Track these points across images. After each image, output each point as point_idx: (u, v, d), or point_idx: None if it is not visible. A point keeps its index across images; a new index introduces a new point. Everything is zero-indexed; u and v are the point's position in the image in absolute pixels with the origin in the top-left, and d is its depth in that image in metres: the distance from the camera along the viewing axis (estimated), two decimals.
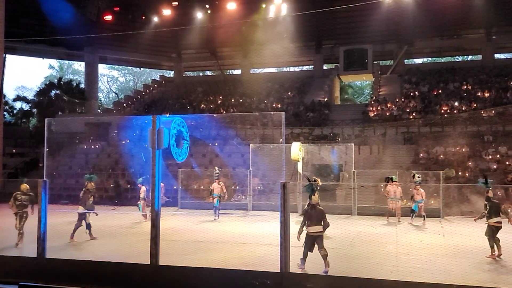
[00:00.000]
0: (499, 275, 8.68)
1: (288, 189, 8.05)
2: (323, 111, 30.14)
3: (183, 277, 8.18)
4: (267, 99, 32.66)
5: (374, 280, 7.59)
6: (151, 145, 8.58)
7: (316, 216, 9.27)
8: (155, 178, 8.66)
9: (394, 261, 9.82)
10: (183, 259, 10.02)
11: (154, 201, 8.65)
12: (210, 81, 39.17)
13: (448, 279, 7.92)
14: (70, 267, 8.88)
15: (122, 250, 11.33)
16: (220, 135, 26.75)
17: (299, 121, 28.91)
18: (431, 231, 14.12)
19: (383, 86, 32.62)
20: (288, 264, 7.85)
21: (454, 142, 23.19)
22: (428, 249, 11.40)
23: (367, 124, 27.20)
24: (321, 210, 9.39)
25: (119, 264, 8.80)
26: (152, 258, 8.54)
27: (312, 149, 23.23)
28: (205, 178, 23.05)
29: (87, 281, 8.51)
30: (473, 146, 23.11)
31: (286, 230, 7.93)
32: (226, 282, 7.92)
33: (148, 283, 8.29)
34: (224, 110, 31.96)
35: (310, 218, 9.29)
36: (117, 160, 26.85)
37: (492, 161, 22.05)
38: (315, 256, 10.58)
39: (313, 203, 9.45)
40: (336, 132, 26.53)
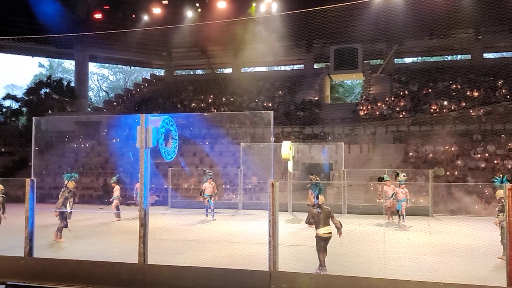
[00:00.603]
0: (486, 272, 8.78)
1: (277, 188, 8.08)
2: (314, 110, 30.24)
3: (172, 276, 8.18)
4: (258, 98, 32.68)
5: (361, 278, 7.64)
6: (139, 144, 8.56)
7: (324, 217, 8.95)
8: (144, 177, 8.65)
9: (382, 260, 9.89)
10: (172, 258, 10.01)
11: (142, 200, 8.64)
12: (201, 79, 39.09)
13: (435, 277, 8.00)
14: (58, 266, 8.83)
15: (110, 249, 11.28)
16: (210, 134, 26.73)
17: (289, 120, 28.97)
18: (419, 230, 14.22)
19: (373, 85, 32.79)
20: (276, 263, 7.88)
21: (443, 141, 23.41)
22: (416, 247, 11.50)
23: (357, 123, 27.34)
24: (329, 210, 9.07)
25: (108, 263, 8.77)
26: (140, 257, 8.53)
27: (303, 148, 23.31)
28: (195, 177, 23.03)
29: (75, 280, 8.48)
30: (462, 145, 23.34)
31: (275, 229, 7.96)
32: (215, 281, 7.93)
33: (136, 282, 8.27)
34: (215, 109, 31.92)
35: (319, 219, 8.94)
36: (107, 159, 26.73)
37: (480, 160, 22.28)
38: (303, 254, 10.62)
39: (320, 203, 9.10)
40: (326, 131, 26.63)
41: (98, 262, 8.86)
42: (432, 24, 29.18)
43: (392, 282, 7.44)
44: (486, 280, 7.91)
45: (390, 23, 27.64)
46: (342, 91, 46.39)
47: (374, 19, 28.62)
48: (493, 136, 23.74)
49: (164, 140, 9.04)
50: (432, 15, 26.56)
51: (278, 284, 7.63)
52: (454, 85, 29.77)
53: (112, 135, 26.61)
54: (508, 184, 7.43)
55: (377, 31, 31.09)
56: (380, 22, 28.75)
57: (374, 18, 28.45)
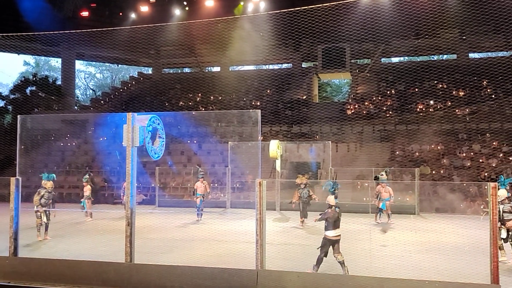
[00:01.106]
0: (470, 270, 8.91)
1: (264, 187, 8.10)
2: (302, 109, 30.34)
3: (159, 276, 8.15)
4: (246, 96, 32.68)
5: (348, 277, 7.71)
6: (126, 142, 8.52)
7: (337, 218, 8.79)
8: (130, 176, 8.61)
9: (369, 258, 9.98)
10: (159, 257, 9.98)
11: (129, 199, 8.60)
12: (189, 78, 38.93)
13: (421, 275, 8.09)
14: (44, 266, 8.75)
15: (97, 248, 11.20)
16: (198, 132, 26.66)
17: (278, 119, 29.03)
18: (405, 228, 14.36)
19: (361, 84, 33.00)
20: (263, 262, 7.91)
21: (429, 140, 23.68)
22: (402, 245, 11.62)
23: (344, 122, 27.50)
24: (338, 212, 8.92)
25: (94, 262, 8.72)
26: (127, 256, 8.49)
27: (291, 147, 23.38)
28: (183, 175, 22.96)
29: (61, 280, 8.41)
30: (448, 144, 23.63)
31: (262, 227, 7.98)
32: (202, 280, 7.92)
33: (123, 282, 8.23)
34: (203, 108, 31.85)
35: (333, 220, 8.71)
36: (94, 157, 26.51)
37: (466, 159, 22.58)
38: (290, 253, 10.68)
39: (333, 204, 8.94)
40: (314, 130, 26.75)
41: (84, 261, 8.82)
42: (419, 24, 29.46)
43: (378, 280, 7.52)
44: (470, 278, 8.03)
45: (377, 23, 27.85)
46: (330, 90, 46.59)
47: (361, 18, 28.78)
48: (478, 135, 24.07)
49: (151, 139, 9.01)
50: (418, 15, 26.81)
51: (265, 283, 7.66)
52: (440, 84, 30.10)
53: (99, 133, 26.39)
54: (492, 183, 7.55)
55: (364, 30, 31.28)
56: (367, 21, 28.96)
57: (361, 17, 28.61)
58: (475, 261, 9.21)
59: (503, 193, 10.12)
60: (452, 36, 32.54)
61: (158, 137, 9.18)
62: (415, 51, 34.81)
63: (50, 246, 11.51)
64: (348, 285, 7.41)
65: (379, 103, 29.18)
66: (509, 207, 9.92)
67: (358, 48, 33.83)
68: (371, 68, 33.72)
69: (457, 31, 31.84)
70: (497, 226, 7.45)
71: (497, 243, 7.40)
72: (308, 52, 35.42)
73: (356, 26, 28.61)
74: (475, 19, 27.23)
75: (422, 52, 35.44)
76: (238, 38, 32.13)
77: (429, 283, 7.40)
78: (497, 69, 25.56)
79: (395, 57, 38.19)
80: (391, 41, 32.94)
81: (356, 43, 33.16)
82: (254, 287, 7.66)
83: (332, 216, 8.73)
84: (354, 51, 33.60)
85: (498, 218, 9.63)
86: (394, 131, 25.83)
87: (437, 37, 32.60)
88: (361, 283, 7.42)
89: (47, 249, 11.15)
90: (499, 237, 9.64)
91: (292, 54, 36.21)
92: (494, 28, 28.12)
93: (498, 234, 9.48)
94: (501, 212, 9.87)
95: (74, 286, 8.24)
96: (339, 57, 32.07)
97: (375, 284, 7.39)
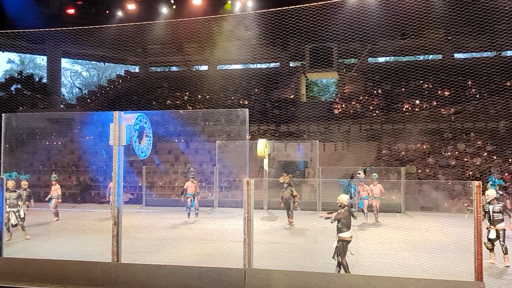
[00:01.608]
0: (454, 268, 9.04)
1: (252, 186, 8.12)
2: (290, 108, 30.42)
3: (146, 275, 8.12)
4: (234, 95, 32.66)
5: (334, 275, 7.77)
6: (112, 141, 8.46)
7: (350, 219, 8.47)
8: (117, 175, 8.55)
9: (355, 256, 10.06)
10: (147, 257, 9.94)
11: (115, 198, 8.54)
12: (177, 77, 38.74)
13: (406, 273, 8.18)
14: (29, 266, 8.65)
15: (83, 248, 11.11)
16: (186, 131, 26.58)
17: (265, 118, 29.06)
18: (391, 226, 14.49)
19: (348, 84, 33.20)
20: (251, 260, 7.93)
21: (415, 139, 23.94)
22: (388, 244, 11.74)
23: (332, 121, 27.66)
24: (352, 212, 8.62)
25: (80, 262, 8.66)
26: (114, 256, 8.44)
27: (278, 146, 23.44)
28: (171, 175, 22.86)
29: (47, 280, 8.32)
30: (433, 143, 23.92)
31: (250, 226, 8.00)
32: (190, 280, 7.91)
33: (110, 281, 8.18)
34: (190, 106, 31.73)
35: (347, 221, 8.36)
36: (80, 156, 26.26)
37: (451, 158, 22.88)
38: (278, 252, 10.72)
39: (346, 204, 8.50)
40: (302, 129, 26.85)
41: (70, 261, 8.74)
42: (405, 25, 29.75)
43: (364, 278, 7.59)
44: (455, 275, 8.14)
45: (364, 23, 28.04)
46: (317, 89, 46.77)
47: (349, 18, 28.96)
48: (463, 134, 24.41)
49: (138, 138, 8.97)
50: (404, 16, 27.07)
51: (253, 282, 7.68)
52: (425, 84, 30.43)
53: (86, 132, 26.15)
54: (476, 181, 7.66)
55: (352, 30, 31.47)
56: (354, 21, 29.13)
57: (348, 17, 28.79)
58: (460, 258, 9.36)
59: (492, 193, 9.97)
60: (438, 36, 32.90)
61: (145, 136, 9.14)
62: (401, 51, 35.11)
63: (36, 246, 11.38)
64: (335, 283, 7.47)
65: (366, 103, 29.39)
66: (499, 207, 9.79)
67: (345, 48, 34.02)
68: (358, 67, 33.95)
69: (443, 31, 32.20)
70: (481, 224, 7.53)
71: (481, 241, 7.50)
72: (296, 52, 35.52)
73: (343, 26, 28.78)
74: (460, 20, 27.58)
75: (408, 52, 35.76)
76: (226, 36, 32.08)
77: (414, 280, 7.49)
78: (481, 69, 25.93)
79: (382, 57, 38.49)
80: (378, 41, 33.20)
81: (343, 43, 33.33)
82: (242, 286, 7.67)
83: (346, 216, 8.36)
84: (342, 51, 33.78)
85: (489, 218, 9.79)
86: (381, 130, 26.05)
87: (423, 37, 32.94)
88: (348, 281, 7.49)
89: (33, 249, 11.01)
90: (488, 237, 9.68)
91: (280, 53, 36.27)
92: (479, 29, 28.50)
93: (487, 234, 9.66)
94: (491, 212, 9.75)
95: (60, 286, 8.17)
96: (327, 56, 32.21)
97: (362, 282, 7.46)
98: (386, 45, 34.22)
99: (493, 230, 9.76)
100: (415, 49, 35.24)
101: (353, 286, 7.38)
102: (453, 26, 31.24)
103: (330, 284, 7.48)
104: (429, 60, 38.94)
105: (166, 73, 42.60)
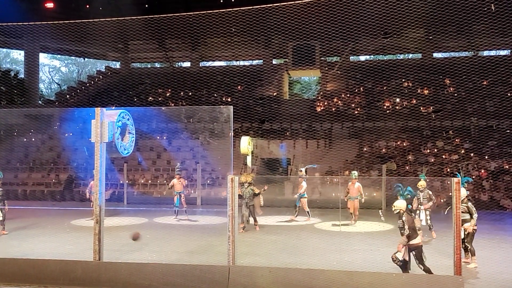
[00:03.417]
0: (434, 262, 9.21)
1: (236, 183, 8.12)
2: (273, 105, 30.45)
3: (129, 274, 8.04)
4: (217, 92, 32.53)
5: (318, 271, 7.82)
6: (94, 138, 8.34)
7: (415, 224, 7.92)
8: (99, 173, 8.44)
9: (338, 252, 10.17)
10: (129, 255, 9.84)
11: (97, 196, 8.43)
12: (159, 73, 38.38)
13: (388, 269, 8.28)
14: (7, 265, 8.47)
15: (63, 247, 10.93)
16: (168, 128, 26.36)
17: (248, 115, 29.03)
18: (373, 223, 14.61)
19: (330, 81, 33.42)
20: (235, 257, 7.93)
21: (395, 137, 24.28)
22: (370, 240, 11.89)
23: (314, 118, 27.81)
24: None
25: (61, 261, 8.52)
26: (95, 254, 8.34)
27: (262, 143, 23.48)
28: (153, 172, 22.67)
29: (26, 280, 8.17)
30: (413, 141, 24.30)
31: (234, 223, 8.00)
32: (174, 277, 7.87)
33: (91, 280, 8.07)
34: (173, 103, 31.49)
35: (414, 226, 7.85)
36: (59, 154, 25.82)
37: (430, 155, 23.29)
38: (262, 249, 10.74)
39: (404, 210, 7.96)
40: (285, 127, 26.94)
41: (51, 260, 8.60)
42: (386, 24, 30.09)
43: (347, 274, 7.68)
44: (434, 270, 8.29)
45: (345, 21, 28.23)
46: (299, 87, 46.96)
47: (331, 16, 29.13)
48: (441, 132, 24.86)
49: (121, 135, 8.86)
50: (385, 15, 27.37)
51: (237, 279, 7.68)
52: (406, 83, 30.85)
53: (65, 129, 25.70)
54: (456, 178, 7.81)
55: (334, 28, 31.67)
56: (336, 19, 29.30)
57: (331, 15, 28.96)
58: (439, 253, 9.53)
59: (464, 193, 9.48)
60: (418, 36, 33.37)
61: (128, 133, 9.03)
62: (382, 49, 35.53)
63: (14, 245, 11.13)
64: (318, 279, 7.53)
65: (347, 100, 29.65)
66: (464, 207, 9.39)
67: (327, 46, 34.21)
68: (340, 65, 34.18)
69: (423, 31, 32.67)
70: (460, 220, 7.67)
71: (460, 236, 7.64)
72: (279, 49, 35.57)
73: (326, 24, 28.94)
74: (439, 20, 28.05)
75: (389, 51, 36.21)
76: (208, 33, 31.88)
77: (396, 275, 7.62)
78: (459, 68, 26.41)
79: (363, 55, 38.86)
80: (360, 40, 33.49)
81: (326, 41, 33.51)
82: (226, 283, 7.67)
83: (412, 221, 7.85)
84: (324, 49, 33.96)
85: None
86: (362, 128, 26.33)
87: (403, 36, 33.35)
88: (331, 277, 7.56)
89: (10, 248, 10.77)
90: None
91: (263, 50, 36.26)
92: (457, 29, 29.02)
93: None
94: None
95: (40, 286, 8.03)
96: (309, 54, 32.35)
97: (345, 278, 7.55)
98: (367, 44, 34.57)
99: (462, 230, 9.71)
100: (396, 48, 35.71)
101: (336, 282, 7.46)
102: (433, 25, 31.76)
103: (314, 280, 7.54)
104: (409, 59, 39.48)
105: (148, 69, 42.17)
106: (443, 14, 26.33)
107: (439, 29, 32.44)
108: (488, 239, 11.74)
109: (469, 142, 23.58)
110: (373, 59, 37.34)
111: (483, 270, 8.75)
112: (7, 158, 25.47)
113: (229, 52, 36.34)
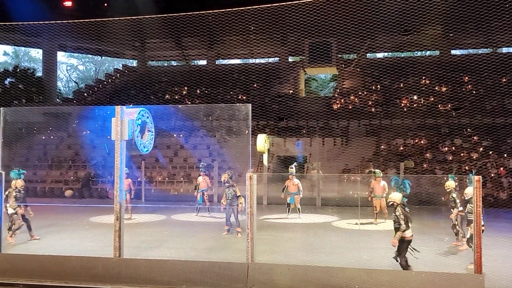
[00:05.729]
0: (452, 260, 9.11)
1: (255, 180, 8.11)
2: (289, 103, 30.37)
3: (149, 270, 8.10)
4: (233, 90, 32.58)
5: (337, 269, 7.79)
6: (114, 136, 8.43)
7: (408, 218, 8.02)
8: (119, 170, 8.53)
9: (357, 250, 10.11)
10: (148, 252, 9.94)
11: (117, 194, 8.53)
12: (175, 71, 38.60)
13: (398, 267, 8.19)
14: (29, 262, 8.61)
15: (83, 243, 11.07)
16: (185, 126, 26.48)
17: (265, 113, 29.01)
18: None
19: (347, 79, 33.20)
20: (254, 255, 7.94)
21: (413, 135, 24.01)
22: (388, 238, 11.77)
23: (331, 116, 27.66)
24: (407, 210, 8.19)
25: (81, 258, 8.62)
26: (116, 251, 8.43)
27: (278, 141, 23.46)
28: (170, 170, 22.82)
29: (47, 276, 8.29)
30: (431, 138, 24.01)
31: (253, 221, 8.01)
32: (193, 274, 7.91)
33: (112, 277, 8.16)
34: (189, 101, 31.65)
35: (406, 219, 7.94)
36: (78, 151, 26.15)
37: (448, 153, 22.98)
38: (279, 246, 10.74)
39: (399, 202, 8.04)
40: (301, 124, 26.86)
41: (71, 257, 8.70)
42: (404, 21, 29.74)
43: (366, 272, 7.64)
44: (452, 267, 8.19)
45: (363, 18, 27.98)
46: (316, 85, 46.75)
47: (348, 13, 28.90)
48: (459, 130, 24.51)
49: (140, 133, 8.94)
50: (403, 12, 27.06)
51: (256, 276, 7.70)
52: (423, 80, 30.46)
53: (84, 127, 26.02)
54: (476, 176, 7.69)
55: (351, 25, 31.43)
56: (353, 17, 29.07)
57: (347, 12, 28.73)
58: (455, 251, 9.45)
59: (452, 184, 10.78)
60: (436, 33, 32.90)
61: (147, 131, 9.12)
62: (399, 47, 35.14)
63: (34, 242, 11.30)
64: (338, 276, 7.50)
65: (364, 98, 29.41)
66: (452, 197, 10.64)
67: (344, 43, 33.96)
68: (357, 63, 33.92)
69: (441, 28, 32.20)
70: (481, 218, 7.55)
71: (480, 234, 7.53)
72: (295, 47, 35.44)
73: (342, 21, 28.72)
74: (457, 17, 27.60)
75: (406, 48, 35.79)
76: (225, 31, 31.91)
77: (415, 273, 7.56)
78: (478, 65, 25.99)
79: (380, 53, 38.49)
80: (377, 37, 33.16)
81: (343, 38, 33.26)
82: (245, 280, 7.69)
83: (405, 214, 7.92)
84: (341, 46, 33.72)
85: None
86: (379, 125, 26.10)
87: (421, 33, 32.93)
88: (350, 275, 7.53)
89: (32, 245, 10.94)
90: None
91: (279, 48, 36.18)
92: (475, 25, 28.54)
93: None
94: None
95: (61, 282, 8.13)
96: (326, 51, 32.15)
97: (364, 275, 7.51)
98: (384, 41, 34.21)
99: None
100: (413, 45, 35.27)
101: (355, 280, 7.43)
102: (450, 23, 31.25)
103: (333, 277, 7.51)
104: (427, 56, 38.98)
105: (165, 68, 42.44)
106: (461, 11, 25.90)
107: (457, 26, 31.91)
108: (508, 237, 11.58)
109: (488, 140, 23.18)
110: (391, 56, 36.95)
111: (503, 268, 8.61)
112: (26, 156, 25.91)
113: (245, 50, 36.33)
